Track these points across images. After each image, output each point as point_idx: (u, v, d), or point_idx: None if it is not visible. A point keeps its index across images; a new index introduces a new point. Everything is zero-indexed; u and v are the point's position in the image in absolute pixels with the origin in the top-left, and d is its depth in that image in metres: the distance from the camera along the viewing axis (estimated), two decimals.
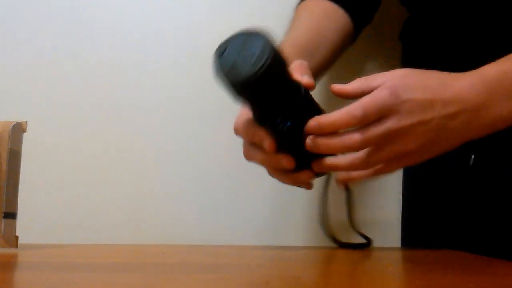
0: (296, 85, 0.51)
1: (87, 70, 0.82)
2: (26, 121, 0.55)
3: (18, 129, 0.54)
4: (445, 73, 0.52)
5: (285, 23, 0.85)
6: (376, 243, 0.69)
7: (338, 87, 0.52)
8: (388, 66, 0.85)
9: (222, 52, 0.51)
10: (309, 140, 0.51)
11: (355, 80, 0.53)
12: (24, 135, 0.55)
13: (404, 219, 0.76)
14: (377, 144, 0.50)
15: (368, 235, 0.66)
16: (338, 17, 0.71)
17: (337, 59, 0.73)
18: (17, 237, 0.54)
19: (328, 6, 0.71)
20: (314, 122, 0.51)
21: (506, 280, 0.39)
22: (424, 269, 0.45)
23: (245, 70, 0.48)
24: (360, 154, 0.51)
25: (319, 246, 0.75)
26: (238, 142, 0.85)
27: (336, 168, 0.53)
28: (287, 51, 0.63)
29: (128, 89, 0.82)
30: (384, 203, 0.83)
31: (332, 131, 0.50)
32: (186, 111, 0.83)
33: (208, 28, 0.84)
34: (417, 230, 0.72)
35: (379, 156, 0.51)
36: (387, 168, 0.53)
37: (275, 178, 0.57)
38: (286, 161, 0.53)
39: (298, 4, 0.74)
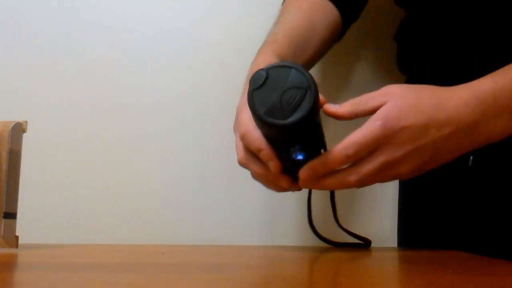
0: (319, 121, 0.50)
1: (87, 70, 0.82)
2: (26, 121, 0.55)
3: (18, 129, 0.54)
4: (438, 89, 0.52)
5: None
6: (374, 244, 0.69)
7: (331, 109, 0.52)
8: (383, 66, 0.85)
9: (261, 84, 0.47)
10: (303, 181, 0.52)
11: (348, 102, 0.53)
12: (24, 135, 0.55)
13: (401, 221, 0.75)
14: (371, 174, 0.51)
15: (366, 236, 0.66)
16: (327, 12, 0.70)
17: (325, 55, 0.72)
18: (17, 237, 0.53)
19: (317, 0, 0.70)
20: (307, 171, 0.51)
21: (506, 280, 0.39)
22: (423, 269, 0.45)
23: (283, 116, 0.46)
24: (353, 179, 0.52)
25: (319, 246, 0.75)
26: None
27: (330, 188, 0.56)
28: (280, 41, 0.63)
29: (128, 89, 0.82)
30: (381, 204, 0.83)
31: (327, 173, 0.51)
32: (186, 111, 0.83)
33: (208, 27, 0.84)
34: (415, 232, 0.72)
35: (373, 180, 0.52)
36: (377, 181, 0.54)
37: (259, 182, 0.58)
38: (285, 182, 0.54)
39: None
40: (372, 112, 0.51)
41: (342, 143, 0.50)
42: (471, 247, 0.60)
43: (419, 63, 0.65)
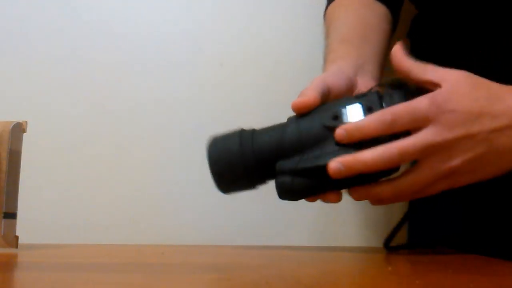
0: None
1: (87, 70, 0.82)
2: (26, 121, 0.55)
3: (18, 129, 0.54)
4: (497, 84, 0.49)
5: (288, 25, 0.85)
6: (376, 243, 0.69)
7: (398, 55, 0.51)
8: None
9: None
10: (335, 161, 0.48)
11: (411, 64, 0.51)
12: (24, 135, 0.55)
13: (411, 220, 0.75)
14: (417, 158, 0.47)
15: (375, 235, 0.65)
16: (375, 6, 0.69)
17: (390, 45, 0.69)
18: (17, 237, 0.53)
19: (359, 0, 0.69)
20: (341, 130, 0.48)
21: (506, 280, 0.39)
22: (424, 269, 0.45)
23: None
24: (404, 184, 0.48)
25: (319, 246, 0.75)
26: None
27: (369, 167, 0.48)
28: (338, 50, 0.61)
29: (128, 89, 0.82)
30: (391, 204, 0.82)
31: (361, 139, 0.47)
32: (186, 111, 0.82)
33: (208, 27, 0.84)
34: (424, 231, 0.72)
35: (422, 176, 0.48)
36: (432, 190, 0.50)
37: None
38: (333, 198, 0.52)
39: (328, 6, 0.72)
40: (422, 82, 0.49)
41: (380, 110, 0.47)
42: (483, 248, 0.59)
43: (432, 60, 0.64)
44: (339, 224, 0.82)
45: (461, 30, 0.64)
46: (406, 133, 0.48)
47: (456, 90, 0.47)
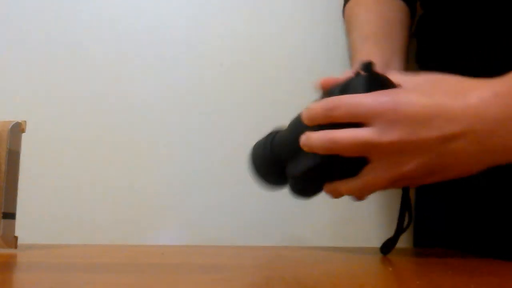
0: None
1: (86, 70, 0.82)
2: (25, 121, 0.55)
3: (17, 129, 0.54)
4: (464, 80, 0.45)
5: (288, 25, 0.85)
6: (377, 243, 0.69)
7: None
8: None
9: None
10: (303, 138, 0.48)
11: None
12: (23, 135, 0.55)
13: (416, 220, 0.75)
14: (369, 153, 0.45)
15: (375, 235, 0.65)
16: (394, 2, 0.68)
17: (410, 40, 0.69)
18: (16, 238, 0.53)
19: None
20: (304, 112, 0.48)
21: (506, 280, 0.39)
22: (424, 270, 0.45)
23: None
24: (359, 183, 0.47)
25: (320, 247, 0.75)
26: (239, 143, 0.85)
27: (318, 147, 0.47)
28: (362, 49, 0.61)
29: (128, 89, 0.82)
30: (396, 204, 0.82)
31: (313, 123, 0.47)
32: (186, 110, 0.82)
33: (208, 27, 0.84)
34: (430, 232, 0.72)
35: (378, 179, 0.46)
36: (397, 187, 0.49)
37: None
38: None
39: (345, 4, 0.72)
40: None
41: (317, 102, 0.46)
42: (486, 249, 0.59)
43: (438, 60, 0.64)
44: (339, 225, 0.82)
45: (465, 30, 0.64)
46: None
47: (410, 90, 0.44)
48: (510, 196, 0.61)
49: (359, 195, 0.51)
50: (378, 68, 0.54)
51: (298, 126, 0.50)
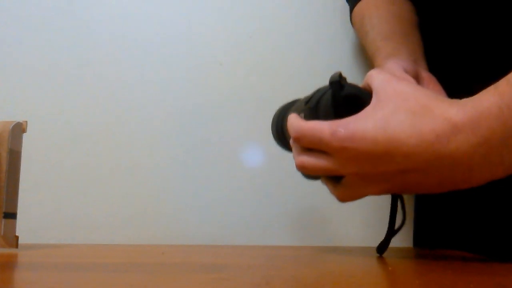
0: None
1: (87, 70, 0.82)
2: (26, 121, 0.55)
3: (18, 129, 0.54)
4: (428, 104, 0.43)
5: (288, 24, 0.85)
6: (377, 243, 0.69)
7: None
8: None
9: None
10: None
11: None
12: (24, 135, 0.55)
13: (416, 220, 0.75)
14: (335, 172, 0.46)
15: (375, 235, 0.65)
16: (403, 4, 0.68)
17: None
18: (17, 237, 0.54)
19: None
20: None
21: (506, 280, 0.39)
22: (424, 269, 0.45)
23: None
24: (337, 191, 0.49)
25: (320, 246, 0.75)
26: (238, 142, 0.85)
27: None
28: (385, 47, 0.61)
29: (128, 89, 0.82)
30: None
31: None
32: (186, 110, 0.82)
33: (208, 27, 0.84)
34: (430, 232, 0.72)
35: (349, 192, 0.48)
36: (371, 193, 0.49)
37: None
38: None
39: (353, 7, 0.72)
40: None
41: (291, 120, 0.48)
42: (485, 248, 0.59)
43: (430, 63, 0.64)
44: (339, 224, 0.82)
45: (459, 31, 0.64)
46: None
47: (372, 116, 0.44)
48: (509, 196, 0.61)
49: (341, 201, 0.52)
50: (410, 65, 0.54)
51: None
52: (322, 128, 0.45)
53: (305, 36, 0.85)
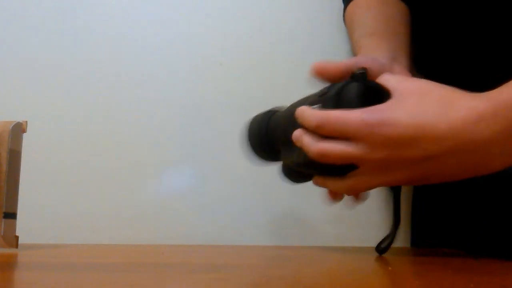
0: None
1: (87, 71, 0.82)
2: (26, 121, 0.55)
3: (18, 129, 0.54)
4: (454, 94, 0.46)
5: (288, 24, 0.85)
6: (377, 243, 0.69)
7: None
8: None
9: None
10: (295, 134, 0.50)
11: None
12: (24, 135, 0.55)
13: (414, 220, 0.75)
14: (359, 163, 0.46)
15: (375, 235, 0.65)
16: (394, 3, 0.69)
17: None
18: (17, 237, 0.53)
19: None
20: (299, 111, 0.49)
21: (506, 280, 0.39)
22: (423, 269, 0.45)
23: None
24: (346, 184, 0.48)
25: (320, 246, 0.75)
26: (238, 142, 0.85)
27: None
28: (368, 44, 0.61)
29: (128, 89, 0.82)
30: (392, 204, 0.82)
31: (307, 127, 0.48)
32: (186, 110, 0.82)
33: (208, 27, 0.84)
34: (428, 231, 0.72)
35: (363, 182, 0.48)
36: (383, 185, 0.50)
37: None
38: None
39: (346, 6, 0.72)
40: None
41: (306, 111, 0.48)
42: (483, 248, 0.59)
43: (423, 64, 0.64)
44: (339, 224, 0.82)
45: (454, 35, 0.64)
46: None
47: (399, 106, 0.45)
48: (507, 195, 0.61)
49: (347, 194, 0.53)
50: (386, 62, 0.55)
51: (293, 118, 0.51)
52: (350, 114, 0.45)
53: (305, 36, 0.84)
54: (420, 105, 0.45)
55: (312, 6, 0.85)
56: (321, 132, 0.47)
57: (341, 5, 0.77)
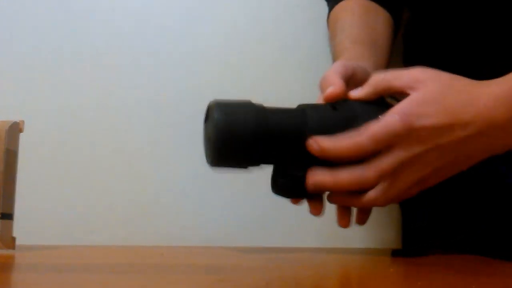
0: None
1: (85, 70, 0.82)
2: (23, 121, 0.55)
3: (15, 129, 0.54)
4: (471, 84, 0.49)
5: (288, 24, 0.85)
6: (377, 244, 0.69)
7: (354, 95, 0.51)
8: (391, 65, 0.85)
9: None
10: (312, 179, 0.50)
11: (368, 83, 0.50)
12: (21, 135, 0.55)
13: (404, 220, 0.75)
14: (391, 176, 0.48)
15: (376, 237, 0.65)
16: (378, 11, 0.69)
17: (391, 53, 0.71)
18: (14, 238, 0.53)
19: (365, 4, 0.69)
20: (314, 143, 0.48)
21: (507, 281, 0.39)
22: (425, 271, 0.45)
23: None
24: (378, 192, 0.49)
25: (320, 248, 0.75)
26: None
27: (344, 187, 0.50)
28: (352, 49, 0.62)
29: (128, 89, 0.82)
30: (394, 205, 0.82)
31: (335, 160, 0.48)
32: (186, 111, 0.82)
33: (208, 27, 0.84)
34: (418, 232, 0.72)
35: (396, 188, 0.49)
36: (406, 195, 0.51)
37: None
38: (314, 210, 0.55)
39: (331, 10, 0.72)
40: (396, 90, 0.49)
41: (356, 133, 0.47)
42: (477, 249, 0.59)
43: (425, 62, 0.65)
44: (338, 226, 0.82)
45: (452, 32, 0.64)
46: None
47: (426, 99, 0.47)
48: (498, 196, 0.61)
49: (377, 205, 0.52)
50: (370, 71, 0.55)
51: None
52: (390, 120, 0.47)
53: (306, 37, 0.84)
54: (444, 94, 0.47)
55: (312, 6, 0.85)
56: (376, 150, 0.47)
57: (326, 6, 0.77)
